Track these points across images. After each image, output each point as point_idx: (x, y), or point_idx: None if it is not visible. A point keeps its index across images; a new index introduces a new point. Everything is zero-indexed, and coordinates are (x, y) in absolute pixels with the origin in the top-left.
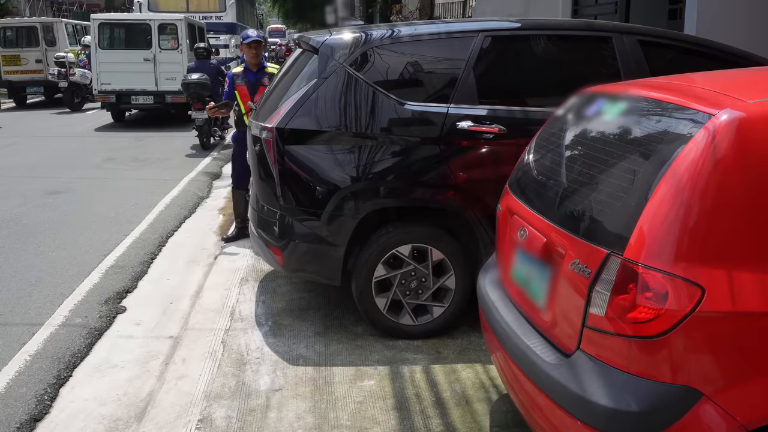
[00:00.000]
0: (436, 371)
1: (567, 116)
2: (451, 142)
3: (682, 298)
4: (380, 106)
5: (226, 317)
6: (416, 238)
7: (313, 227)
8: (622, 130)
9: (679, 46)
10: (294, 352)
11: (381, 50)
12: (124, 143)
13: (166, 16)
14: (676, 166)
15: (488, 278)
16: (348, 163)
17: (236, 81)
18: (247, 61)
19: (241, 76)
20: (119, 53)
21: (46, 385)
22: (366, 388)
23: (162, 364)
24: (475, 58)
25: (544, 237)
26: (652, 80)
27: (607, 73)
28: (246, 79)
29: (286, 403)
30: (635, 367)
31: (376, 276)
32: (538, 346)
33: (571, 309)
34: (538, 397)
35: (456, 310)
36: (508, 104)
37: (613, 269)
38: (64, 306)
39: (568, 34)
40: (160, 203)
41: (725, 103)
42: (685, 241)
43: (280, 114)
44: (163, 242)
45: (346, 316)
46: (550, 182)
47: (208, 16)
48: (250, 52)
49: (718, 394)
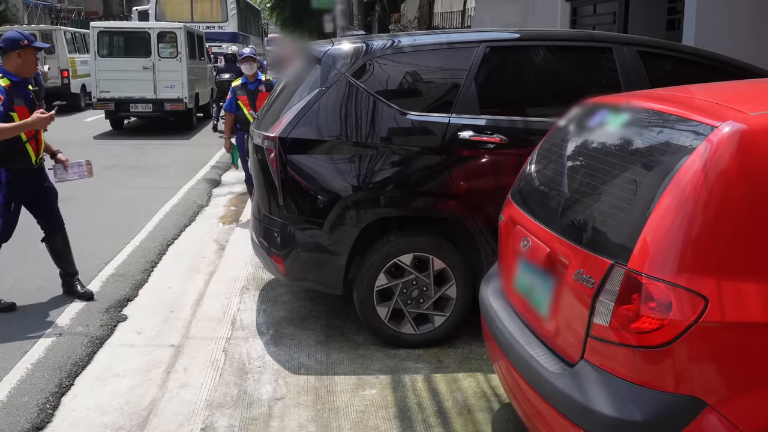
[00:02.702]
0: (438, 380)
1: (569, 127)
2: (452, 151)
3: (686, 308)
4: (382, 116)
5: (228, 326)
6: (418, 248)
7: (314, 236)
8: (625, 141)
9: (678, 57)
10: (296, 361)
11: (383, 60)
12: (123, 151)
13: (166, 25)
14: (679, 177)
15: (491, 288)
16: (350, 172)
17: (238, 92)
18: (245, 74)
19: (241, 87)
20: (118, 61)
21: (48, 394)
22: (368, 397)
23: (164, 372)
24: (476, 69)
25: (548, 247)
26: (654, 91)
27: (607, 83)
28: (246, 90)
29: (289, 412)
30: (639, 377)
31: (377, 285)
32: (542, 356)
33: (574, 319)
34: (542, 407)
35: (457, 319)
36: (509, 114)
37: (617, 279)
38: (65, 315)
39: (568, 44)
40: (160, 211)
41: (727, 115)
42: (688, 252)
43: (282, 123)
44: (164, 250)
45: (348, 325)
46: (553, 192)
47: (211, 25)
48: (245, 66)
49: (722, 404)
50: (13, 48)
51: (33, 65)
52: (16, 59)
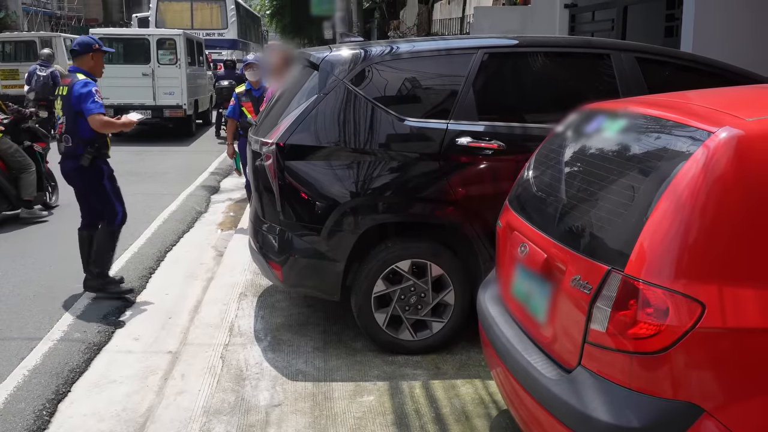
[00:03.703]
0: (436, 387)
1: (567, 133)
2: (450, 158)
3: (683, 314)
4: (380, 122)
5: (225, 332)
6: (416, 254)
7: (312, 242)
8: (622, 147)
9: (676, 63)
10: (293, 368)
11: (381, 66)
12: (122, 158)
13: (165, 32)
14: (676, 183)
15: (488, 294)
16: (348, 178)
17: (242, 99)
18: (249, 80)
19: (245, 93)
20: (118, 68)
21: (44, 401)
22: (365, 403)
23: (161, 379)
24: (474, 75)
25: (545, 253)
26: (651, 97)
27: (605, 89)
28: (250, 96)
29: (286, 419)
30: (636, 383)
31: (375, 291)
32: (539, 362)
33: (571, 325)
34: (539, 413)
35: (455, 326)
36: (507, 120)
37: (614, 285)
38: (62, 321)
39: (566, 51)
40: (159, 218)
41: (724, 121)
42: (685, 258)
43: (280, 129)
44: (162, 257)
45: (346, 331)
46: (550, 198)
47: (211, 32)
48: (249, 72)
49: (719, 411)
50: (87, 51)
51: (102, 68)
52: (89, 61)
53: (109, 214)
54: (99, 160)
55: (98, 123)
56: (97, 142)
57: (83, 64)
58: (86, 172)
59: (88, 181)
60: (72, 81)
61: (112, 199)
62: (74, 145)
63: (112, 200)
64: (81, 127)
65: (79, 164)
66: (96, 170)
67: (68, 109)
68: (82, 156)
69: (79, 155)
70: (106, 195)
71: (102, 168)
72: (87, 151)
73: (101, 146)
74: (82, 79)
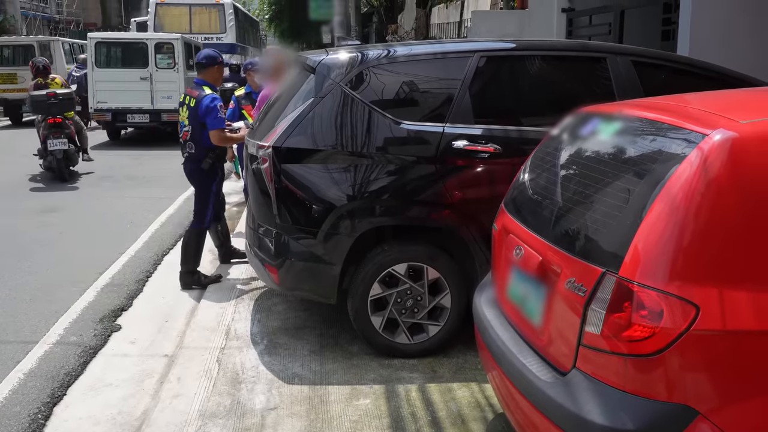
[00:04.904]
0: (432, 390)
1: (562, 136)
2: (446, 161)
3: (677, 316)
4: (376, 126)
5: (222, 336)
6: (412, 257)
7: (309, 245)
8: (617, 149)
9: (672, 66)
10: (289, 371)
11: (377, 70)
12: (120, 161)
13: (163, 35)
14: (670, 185)
15: (484, 297)
16: (344, 181)
17: (242, 102)
18: (250, 83)
19: (245, 97)
20: (116, 72)
21: (40, 404)
22: (362, 407)
23: (157, 382)
24: (470, 78)
25: (540, 256)
26: (647, 100)
27: (601, 93)
28: (251, 100)
29: (282, 422)
30: (631, 386)
31: (371, 295)
32: (534, 365)
33: (566, 327)
34: (534, 416)
35: (452, 329)
36: (503, 124)
37: (609, 288)
38: (58, 324)
39: (563, 54)
40: (156, 221)
41: (718, 124)
42: (679, 260)
43: (276, 133)
44: (159, 260)
45: (342, 334)
46: (546, 201)
47: (209, 36)
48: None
49: (714, 413)
50: (213, 64)
51: (222, 79)
52: (214, 73)
53: (201, 214)
54: (217, 165)
55: (218, 138)
56: (217, 149)
57: (208, 77)
58: (204, 173)
59: (201, 181)
60: (200, 94)
61: (210, 202)
62: (197, 152)
63: (210, 202)
64: (204, 136)
65: (199, 167)
66: (212, 173)
67: (194, 120)
68: (203, 161)
69: (201, 159)
70: (208, 197)
71: (217, 172)
72: (209, 156)
73: (221, 153)
74: (210, 94)
